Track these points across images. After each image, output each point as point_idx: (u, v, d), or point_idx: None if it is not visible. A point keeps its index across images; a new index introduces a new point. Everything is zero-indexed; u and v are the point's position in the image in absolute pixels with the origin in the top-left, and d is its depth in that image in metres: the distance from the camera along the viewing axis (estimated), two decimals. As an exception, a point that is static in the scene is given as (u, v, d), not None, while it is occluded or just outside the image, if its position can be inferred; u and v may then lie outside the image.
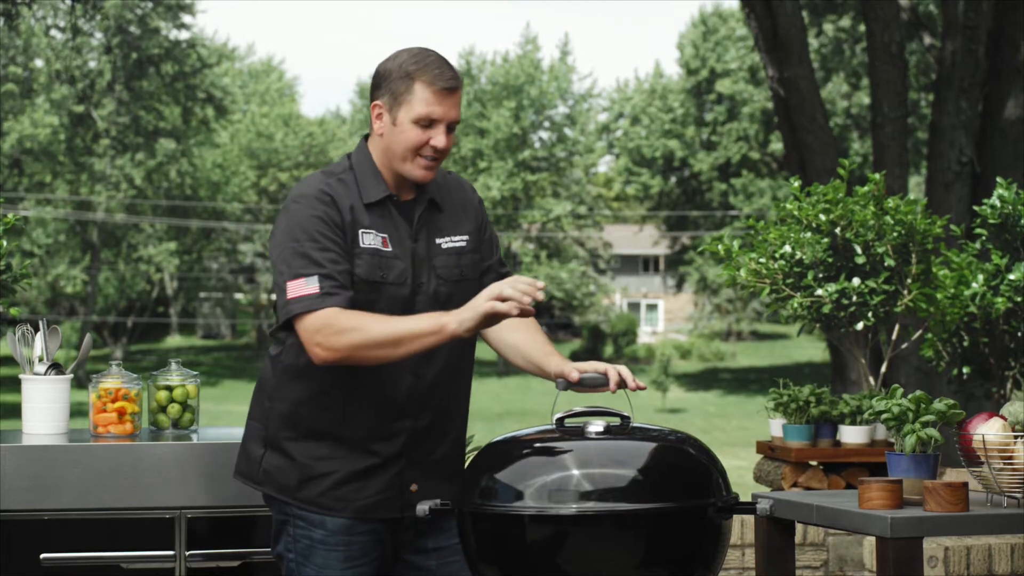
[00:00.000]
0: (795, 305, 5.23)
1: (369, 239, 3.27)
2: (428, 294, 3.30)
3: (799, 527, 5.05)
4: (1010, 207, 5.41)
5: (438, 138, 3.26)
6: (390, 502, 3.30)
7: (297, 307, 3.18)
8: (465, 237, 3.40)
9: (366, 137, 3.39)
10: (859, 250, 5.20)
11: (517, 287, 3.06)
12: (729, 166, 45.27)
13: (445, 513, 3.11)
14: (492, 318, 3.08)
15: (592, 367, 3.17)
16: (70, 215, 42.25)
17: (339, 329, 3.14)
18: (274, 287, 3.27)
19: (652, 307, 58.82)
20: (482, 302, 3.08)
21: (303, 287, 3.18)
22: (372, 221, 3.29)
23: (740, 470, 16.08)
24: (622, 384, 3.18)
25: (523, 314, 3.08)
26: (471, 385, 3.45)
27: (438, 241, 3.36)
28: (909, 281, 5.23)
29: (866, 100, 33.21)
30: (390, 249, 3.27)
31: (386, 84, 3.28)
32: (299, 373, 3.30)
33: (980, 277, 5.37)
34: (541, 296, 3.08)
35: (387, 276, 3.27)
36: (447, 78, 3.25)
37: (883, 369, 5.41)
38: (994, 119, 12.03)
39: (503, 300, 3.06)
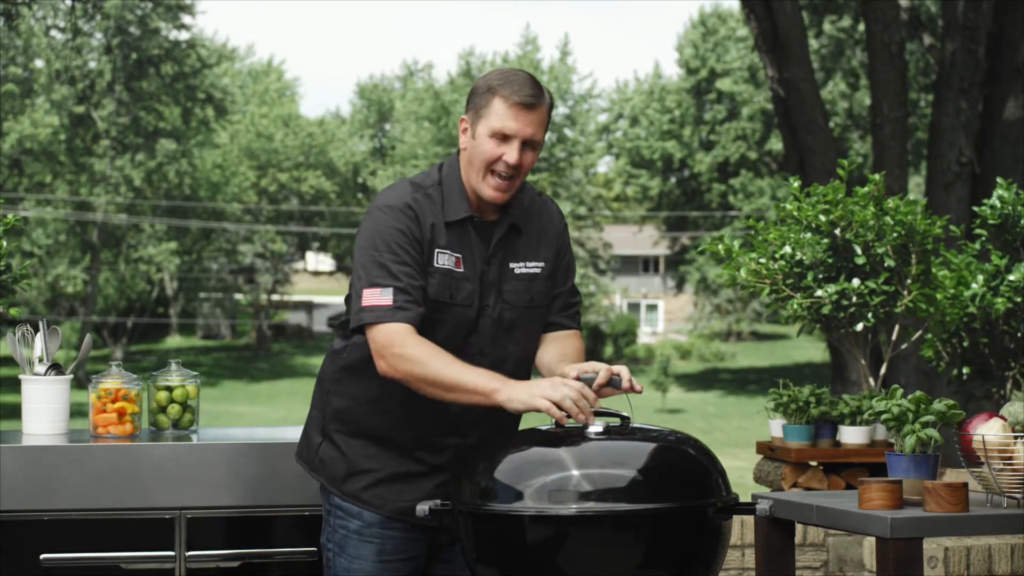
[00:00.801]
0: (795, 306, 5.23)
1: (444, 259, 3.28)
2: (492, 318, 3.31)
3: (799, 527, 5.05)
4: (1010, 208, 5.41)
5: (510, 153, 3.24)
6: None
7: (369, 317, 3.21)
8: (541, 264, 3.39)
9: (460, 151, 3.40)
10: (859, 251, 5.20)
11: (579, 403, 3.06)
12: (728, 165, 45.23)
13: (446, 516, 3.11)
14: (539, 411, 3.11)
15: (592, 367, 3.17)
16: (70, 215, 42.23)
17: (404, 355, 3.17)
18: (350, 288, 3.31)
19: (652, 308, 58.80)
20: (539, 398, 3.07)
21: (377, 297, 3.21)
22: (449, 240, 3.29)
23: (740, 470, 16.06)
24: (613, 385, 3.17)
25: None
26: None
27: (512, 266, 3.35)
28: (909, 282, 5.23)
29: (866, 100, 33.18)
30: (462, 270, 3.28)
31: (473, 99, 3.30)
32: (359, 373, 3.36)
33: (980, 278, 5.36)
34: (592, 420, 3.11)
35: (456, 297, 3.28)
36: (525, 94, 3.26)
37: (883, 370, 5.41)
38: (994, 120, 12.03)
39: (559, 406, 3.06)
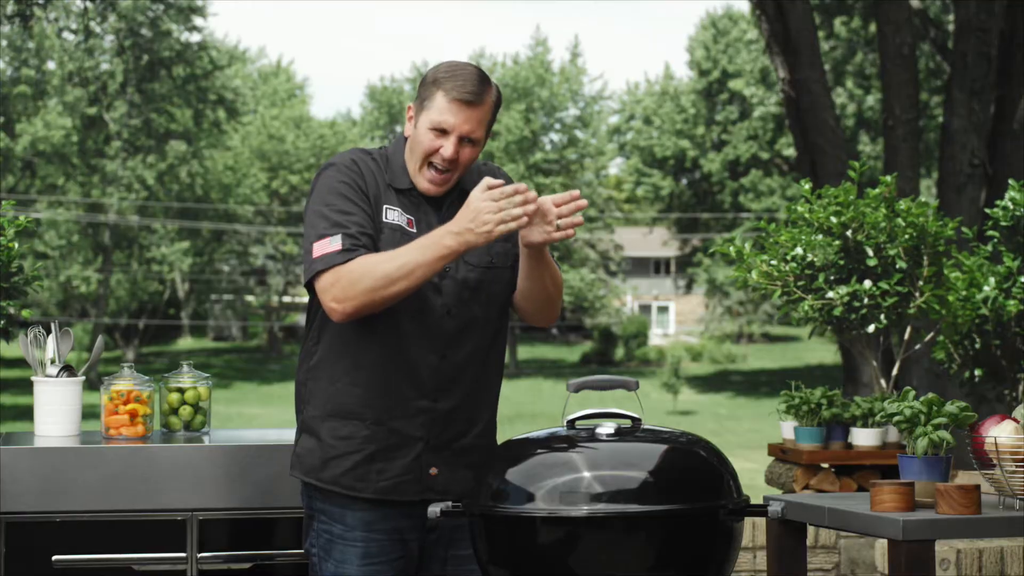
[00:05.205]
0: (807, 307, 5.22)
1: (394, 216, 3.32)
2: (456, 279, 3.33)
3: (811, 529, 5.04)
4: (1022, 210, 5.40)
5: (447, 148, 3.29)
6: (408, 485, 3.32)
7: (320, 264, 3.23)
8: None
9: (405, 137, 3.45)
10: (871, 252, 5.20)
11: (501, 206, 3.10)
12: (738, 164, 45.20)
13: (458, 517, 3.11)
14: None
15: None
16: (82, 217, 42.32)
17: (350, 279, 3.19)
18: (304, 256, 3.31)
19: (663, 309, 58.78)
20: (489, 226, 3.11)
21: (327, 246, 3.23)
22: (399, 202, 3.35)
23: (751, 472, 16.05)
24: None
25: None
26: (501, 378, 3.47)
27: None
28: (921, 283, 5.22)
29: (876, 102, 33.11)
30: (415, 231, 3.31)
31: (421, 89, 3.35)
32: (322, 354, 3.36)
33: (992, 280, 5.36)
34: (531, 206, 3.11)
35: None
36: (466, 91, 3.28)
37: (895, 372, 5.40)
38: (1006, 121, 12.02)
39: (502, 222, 3.11)
